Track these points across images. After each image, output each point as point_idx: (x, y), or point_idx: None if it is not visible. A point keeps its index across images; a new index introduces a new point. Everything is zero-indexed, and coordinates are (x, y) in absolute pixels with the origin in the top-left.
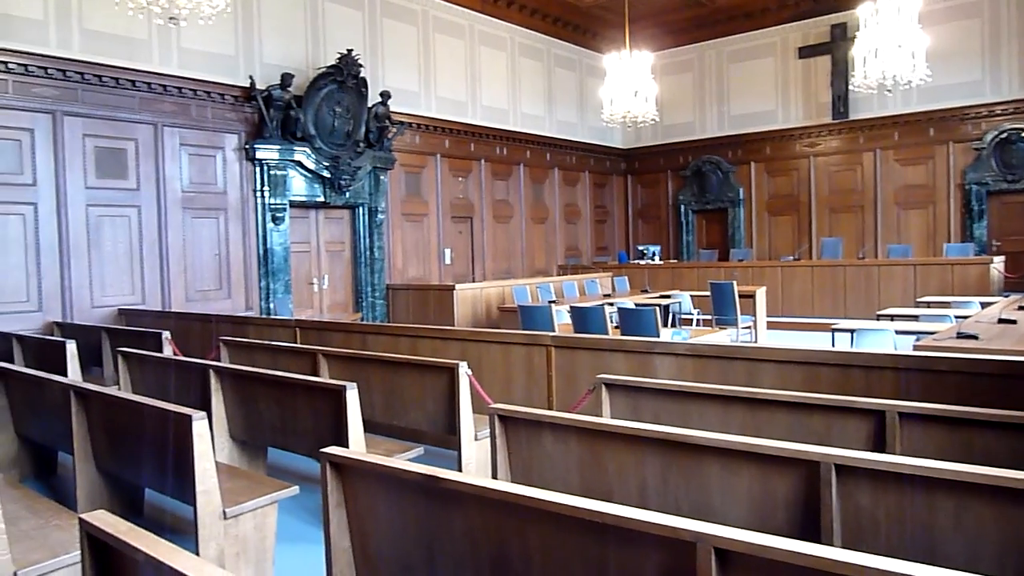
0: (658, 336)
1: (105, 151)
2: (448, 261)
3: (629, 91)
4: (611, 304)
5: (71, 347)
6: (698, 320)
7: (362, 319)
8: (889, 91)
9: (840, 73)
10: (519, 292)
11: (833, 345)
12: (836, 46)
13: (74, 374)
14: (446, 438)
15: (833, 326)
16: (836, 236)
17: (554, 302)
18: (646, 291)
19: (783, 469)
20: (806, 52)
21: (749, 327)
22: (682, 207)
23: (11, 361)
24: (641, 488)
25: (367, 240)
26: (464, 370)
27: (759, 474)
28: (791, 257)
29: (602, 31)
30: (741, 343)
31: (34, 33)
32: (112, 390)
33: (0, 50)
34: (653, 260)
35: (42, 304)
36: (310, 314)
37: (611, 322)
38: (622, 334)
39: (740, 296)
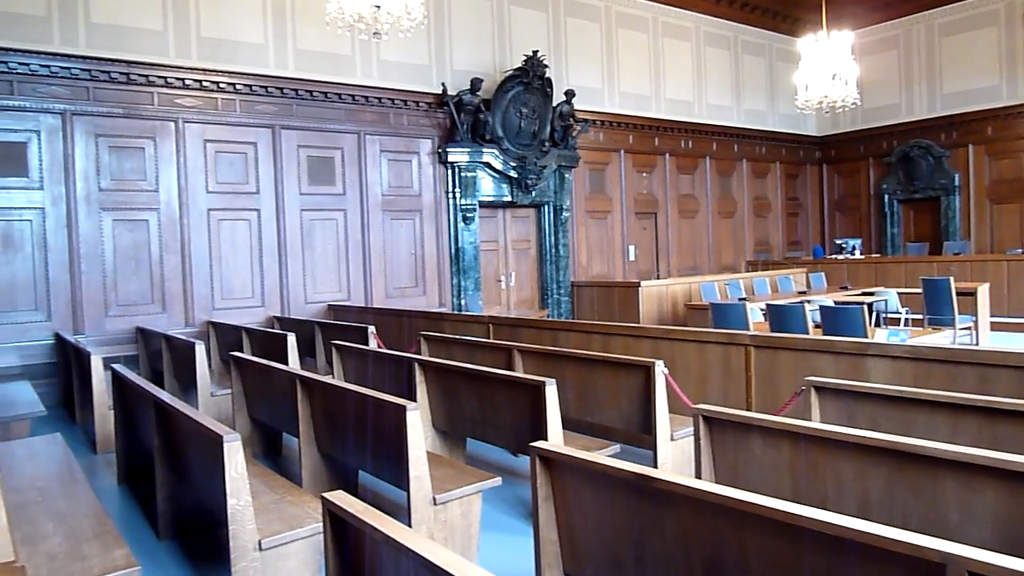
0: (865, 336)
1: (316, 160)
2: (632, 257)
3: (826, 74)
4: (809, 302)
5: (291, 339)
6: (907, 320)
7: (548, 315)
8: None
9: None
10: (707, 289)
11: None
12: None
13: (294, 364)
14: (639, 437)
15: None
16: None
17: (745, 299)
18: (846, 288)
19: None
20: None
21: (969, 328)
22: (885, 196)
23: (241, 351)
24: (862, 499)
25: (552, 238)
26: (661, 369)
27: (1007, 493)
28: (1020, 250)
29: (795, 13)
30: (962, 346)
31: (256, 56)
32: (329, 379)
33: (230, 73)
34: (853, 254)
35: (264, 300)
36: (498, 310)
37: (811, 321)
38: (824, 334)
39: (957, 294)
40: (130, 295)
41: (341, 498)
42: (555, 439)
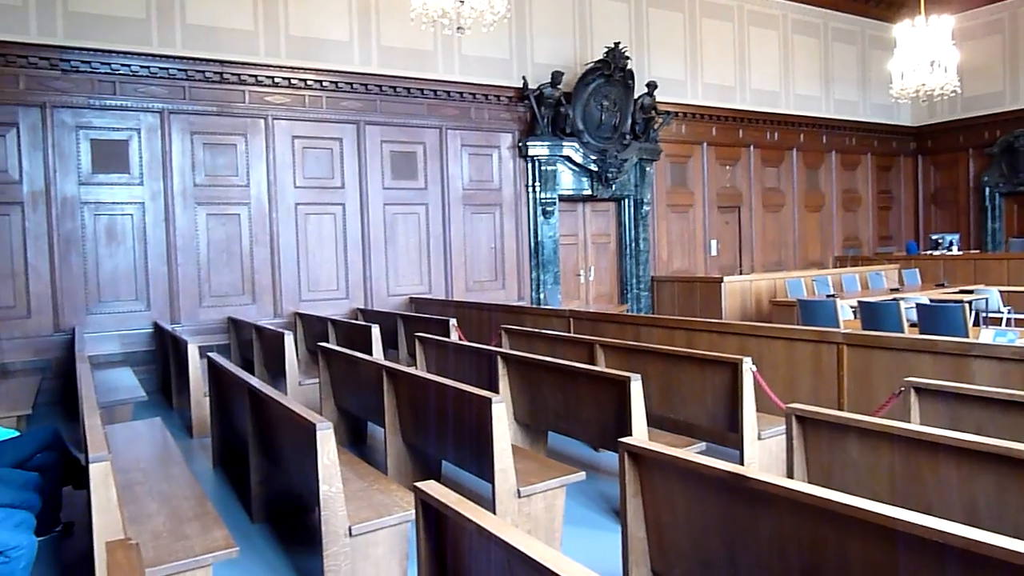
0: (966, 336)
1: (399, 155)
2: (714, 252)
3: (924, 61)
4: (904, 299)
5: (375, 331)
6: (1009, 320)
7: (627, 310)
8: None
9: None
10: (793, 285)
11: None
12: None
13: (378, 355)
14: (724, 435)
15: None
16: None
17: (834, 296)
18: (942, 285)
19: None
20: None
21: None
22: (986, 189)
23: (326, 341)
24: (969, 507)
25: (632, 232)
26: (748, 366)
27: None
28: None
29: None
30: None
31: (342, 53)
32: (414, 370)
33: (317, 70)
34: (949, 250)
35: (348, 292)
36: (576, 304)
37: (906, 320)
38: (920, 333)
39: None
40: (222, 286)
41: (433, 488)
42: (640, 435)
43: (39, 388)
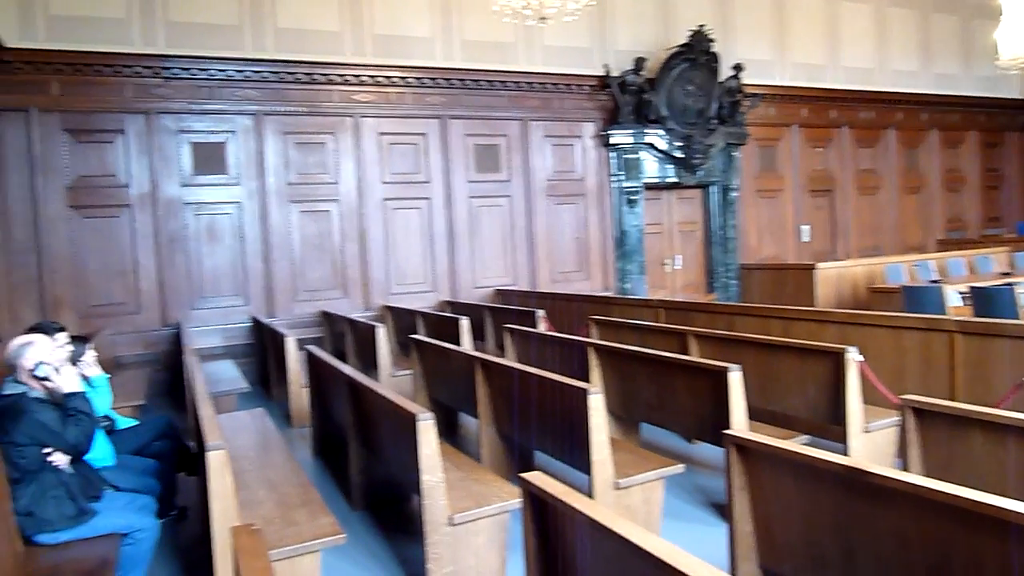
0: None
1: (482, 148)
2: (806, 238)
3: None
4: (1018, 284)
5: (464, 323)
6: None
7: (716, 299)
8: None
9: None
10: (892, 271)
11: None
12: None
13: (467, 346)
14: (825, 427)
15: None
16: None
17: (939, 282)
18: None
19: None
20: None
21: None
22: None
23: (415, 333)
24: None
25: (719, 219)
26: (854, 356)
27: None
28: None
29: None
30: None
31: (424, 50)
32: (507, 361)
33: (401, 67)
34: None
35: (435, 285)
36: (663, 294)
37: (1022, 306)
38: None
39: None
40: (315, 281)
41: (539, 479)
42: (739, 427)
43: (149, 379)
